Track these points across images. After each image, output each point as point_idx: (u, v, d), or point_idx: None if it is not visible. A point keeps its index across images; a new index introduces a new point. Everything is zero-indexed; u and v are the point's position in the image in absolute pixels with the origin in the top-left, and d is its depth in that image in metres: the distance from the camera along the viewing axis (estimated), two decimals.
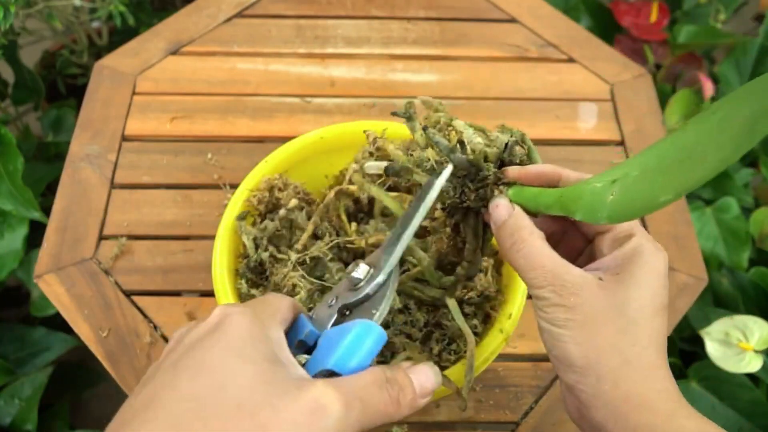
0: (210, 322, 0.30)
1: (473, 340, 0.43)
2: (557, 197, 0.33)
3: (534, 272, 0.32)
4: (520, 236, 0.33)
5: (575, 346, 0.31)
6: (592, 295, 0.31)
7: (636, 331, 0.31)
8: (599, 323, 0.31)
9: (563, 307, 0.31)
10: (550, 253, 0.33)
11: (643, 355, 0.31)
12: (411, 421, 0.55)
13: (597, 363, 0.31)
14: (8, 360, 0.79)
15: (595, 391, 0.31)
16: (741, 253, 0.86)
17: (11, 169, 0.75)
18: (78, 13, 0.98)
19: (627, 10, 1.08)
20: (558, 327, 0.32)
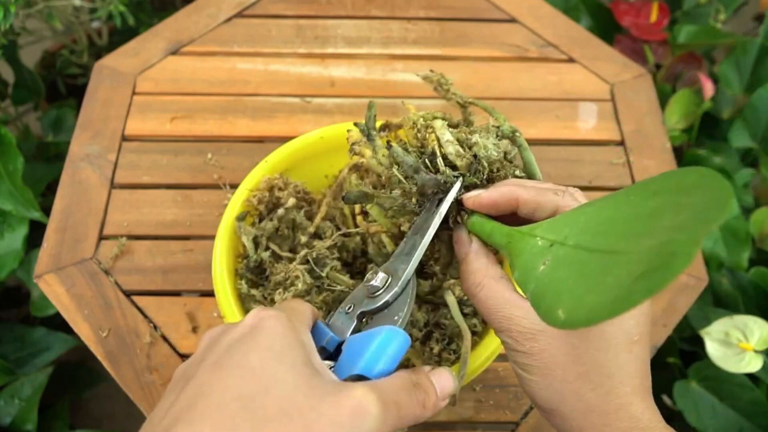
0: (246, 324, 0.30)
1: (470, 336, 0.43)
2: (506, 243, 0.32)
3: (491, 317, 0.32)
4: (473, 280, 0.33)
5: (538, 390, 0.32)
6: (551, 340, 0.31)
7: (596, 376, 0.30)
8: (558, 369, 0.31)
9: (522, 353, 0.31)
10: (507, 295, 0.32)
11: (606, 399, 0.30)
12: None
13: (560, 407, 0.31)
14: (8, 360, 0.79)
15: (564, 429, 0.32)
16: (741, 253, 0.86)
17: (11, 169, 0.75)
18: (78, 13, 0.98)
19: (627, 10, 1.08)
20: (521, 370, 0.32)
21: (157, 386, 0.56)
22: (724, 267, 0.86)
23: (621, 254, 0.24)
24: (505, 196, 0.34)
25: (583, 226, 0.28)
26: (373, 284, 0.35)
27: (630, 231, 0.25)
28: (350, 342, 0.33)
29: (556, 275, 0.27)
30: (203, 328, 0.60)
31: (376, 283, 0.35)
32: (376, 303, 0.34)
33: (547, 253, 0.29)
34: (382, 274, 0.35)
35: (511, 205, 0.34)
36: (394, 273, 0.35)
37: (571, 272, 0.26)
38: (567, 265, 0.27)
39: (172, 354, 0.58)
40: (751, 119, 0.92)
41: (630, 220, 0.26)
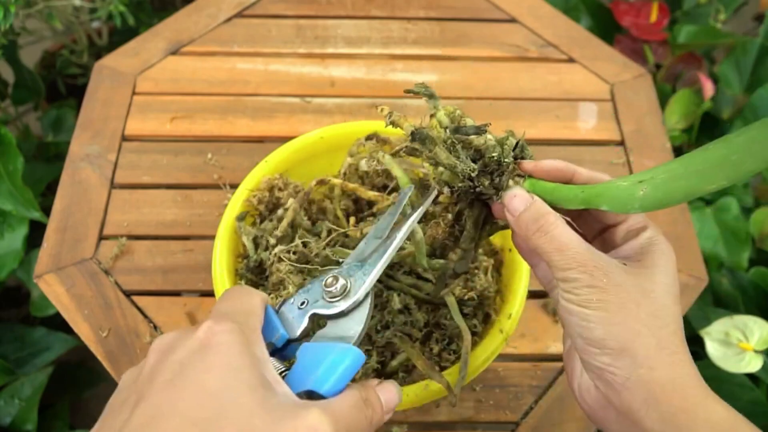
0: (199, 339, 0.29)
1: (469, 336, 0.43)
2: (577, 193, 0.34)
3: (562, 253, 0.32)
4: (546, 220, 0.33)
5: (611, 327, 0.31)
6: (622, 278, 0.32)
7: (664, 315, 0.31)
8: (632, 305, 0.31)
9: (596, 288, 0.31)
10: (577, 236, 0.33)
11: (672, 339, 0.31)
12: (411, 421, 0.55)
13: (632, 345, 0.31)
14: (8, 360, 0.79)
15: (629, 373, 0.31)
16: (741, 253, 0.86)
17: (11, 169, 0.75)
18: (78, 13, 0.98)
19: (627, 10, 1.08)
20: (591, 308, 0.31)
21: None
22: (724, 267, 0.86)
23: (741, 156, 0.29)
24: (563, 165, 0.36)
25: (666, 169, 0.31)
26: (331, 290, 0.34)
27: (735, 151, 0.30)
28: (305, 352, 0.32)
29: (670, 185, 0.31)
30: None
31: (335, 290, 0.34)
32: (331, 309, 0.34)
33: (638, 186, 0.32)
34: (342, 281, 0.35)
35: (567, 176, 0.36)
36: (354, 281, 0.35)
37: (691, 178, 0.30)
38: (678, 179, 0.31)
39: None
40: (751, 119, 0.92)
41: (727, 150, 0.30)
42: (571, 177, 0.36)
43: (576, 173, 0.36)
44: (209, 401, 0.27)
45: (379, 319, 0.48)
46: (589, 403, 0.34)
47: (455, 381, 0.43)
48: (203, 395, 0.27)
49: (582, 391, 0.34)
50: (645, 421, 0.30)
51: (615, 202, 0.33)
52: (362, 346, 0.48)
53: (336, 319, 0.34)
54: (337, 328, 0.34)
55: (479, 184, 0.36)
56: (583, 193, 0.34)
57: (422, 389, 0.44)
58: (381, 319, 0.48)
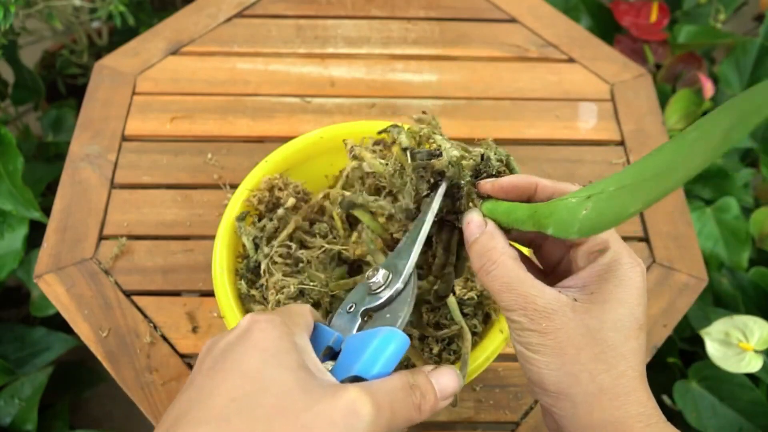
0: (240, 328, 0.31)
1: (469, 336, 0.43)
2: (530, 213, 0.32)
3: (504, 295, 0.32)
4: (489, 258, 0.32)
5: (548, 372, 0.31)
6: (566, 320, 0.31)
7: (611, 357, 0.30)
8: (573, 349, 0.30)
9: (535, 332, 0.31)
10: (523, 275, 0.32)
11: (619, 382, 0.30)
12: None
13: (570, 390, 0.30)
14: (8, 360, 0.79)
15: (570, 415, 0.31)
16: (741, 253, 0.86)
17: (11, 169, 0.75)
18: (78, 13, 0.98)
19: (627, 10, 1.08)
20: (531, 351, 0.31)
21: (157, 386, 0.56)
22: (724, 267, 0.86)
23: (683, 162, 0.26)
24: (524, 180, 0.35)
25: (619, 177, 0.29)
26: (374, 281, 0.35)
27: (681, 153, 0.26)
28: (349, 342, 0.33)
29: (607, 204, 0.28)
30: (203, 328, 0.60)
31: (378, 280, 0.35)
32: (377, 300, 0.35)
33: (584, 203, 0.29)
34: (383, 270, 0.36)
35: (529, 191, 0.35)
36: (394, 269, 0.36)
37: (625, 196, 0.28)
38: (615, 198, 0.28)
39: (172, 354, 0.58)
40: None
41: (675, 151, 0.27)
42: (534, 191, 0.35)
43: (539, 186, 0.34)
44: (246, 380, 0.28)
45: None
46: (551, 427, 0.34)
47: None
48: (240, 374, 0.28)
49: (545, 419, 0.35)
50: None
51: (558, 225, 0.31)
52: None
53: (382, 309, 0.35)
54: (382, 317, 0.34)
55: (439, 210, 0.36)
56: (535, 214, 0.32)
57: None
58: None
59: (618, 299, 0.31)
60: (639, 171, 0.28)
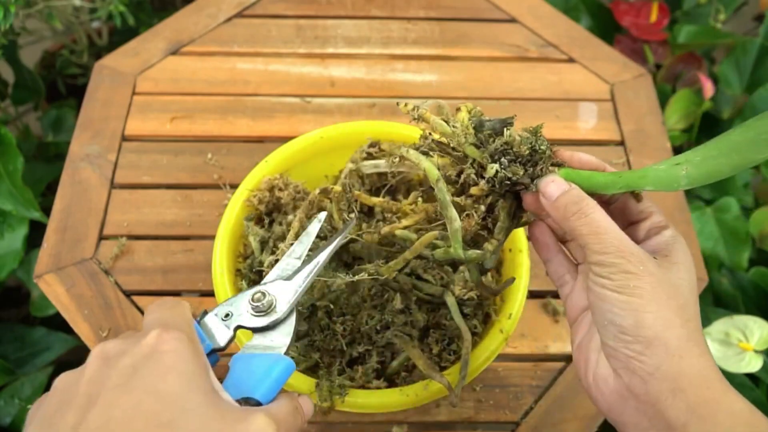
0: (148, 345, 0.30)
1: (470, 337, 0.43)
2: (614, 179, 0.35)
3: (601, 237, 0.32)
4: (586, 203, 0.34)
5: (646, 315, 0.31)
6: (655, 270, 0.32)
7: (690, 311, 0.32)
8: (665, 296, 0.32)
9: (632, 274, 0.31)
10: (614, 223, 0.33)
11: (697, 333, 0.32)
12: (411, 421, 0.55)
13: (665, 335, 0.31)
14: (8, 360, 0.79)
15: (659, 362, 0.31)
16: (741, 253, 0.86)
17: (11, 169, 0.75)
18: (78, 13, 0.98)
19: (627, 10, 1.08)
20: (626, 294, 0.31)
21: None
22: (724, 267, 0.86)
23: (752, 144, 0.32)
24: (597, 161, 0.37)
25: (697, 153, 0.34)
26: (258, 305, 0.36)
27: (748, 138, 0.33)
28: (238, 362, 0.34)
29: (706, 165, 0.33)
30: None
31: (261, 306, 0.36)
32: (257, 323, 0.36)
33: (678, 168, 0.34)
34: (269, 297, 0.36)
35: (598, 170, 0.37)
36: (279, 298, 0.37)
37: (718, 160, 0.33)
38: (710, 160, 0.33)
39: None
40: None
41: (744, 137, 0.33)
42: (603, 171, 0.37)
43: (606, 170, 0.37)
44: (168, 405, 0.28)
45: (379, 319, 0.48)
46: (605, 393, 0.33)
47: (455, 381, 0.43)
48: (162, 399, 0.28)
49: (598, 381, 0.34)
50: (670, 410, 0.30)
51: (659, 182, 0.34)
52: (362, 346, 0.48)
53: (262, 332, 0.36)
54: (265, 340, 0.36)
55: (515, 174, 0.36)
56: (622, 178, 0.35)
57: (422, 389, 0.44)
58: (381, 319, 0.48)
59: (687, 265, 0.34)
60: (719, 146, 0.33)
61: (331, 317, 0.48)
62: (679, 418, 0.30)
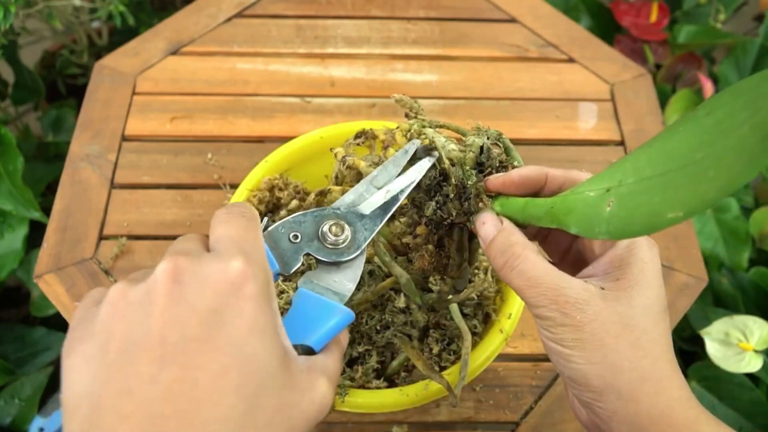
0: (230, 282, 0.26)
1: (470, 337, 0.43)
2: (548, 209, 0.31)
3: (532, 290, 0.31)
4: (512, 253, 0.32)
5: (590, 366, 0.30)
6: (599, 309, 0.30)
7: (647, 343, 0.30)
8: (611, 339, 0.30)
9: (570, 326, 0.30)
10: (548, 267, 0.31)
11: (657, 367, 0.30)
12: (411, 421, 0.55)
13: (615, 381, 0.30)
14: (8, 360, 0.79)
15: (614, 407, 0.30)
16: (741, 253, 0.86)
17: (11, 169, 0.75)
18: (78, 13, 0.98)
19: (627, 10, 1.08)
20: (568, 348, 0.30)
21: None
22: (724, 267, 0.86)
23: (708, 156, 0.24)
24: (534, 172, 0.34)
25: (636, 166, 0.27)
26: (335, 240, 0.33)
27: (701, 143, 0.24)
28: (302, 300, 0.32)
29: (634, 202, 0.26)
30: None
31: (338, 240, 0.33)
32: (328, 256, 0.33)
33: (605, 198, 0.28)
34: (347, 232, 0.34)
35: (539, 182, 0.34)
36: (354, 234, 0.34)
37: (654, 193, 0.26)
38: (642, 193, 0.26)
39: None
40: None
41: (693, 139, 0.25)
42: (544, 182, 0.34)
43: (549, 176, 0.34)
44: (252, 373, 0.25)
45: (379, 319, 0.48)
46: (583, 422, 0.34)
47: (455, 381, 0.43)
48: (247, 365, 0.25)
49: (576, 410, 0.34)
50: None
51: (581, 224, 0.29)
52: (362, 346, 0.48)
53: (329, 266, 0.33)
54: (330, 279, 0.33)
55: (448, 215, 0.36)
56: (553, 210, 0.31)
57: (422, 389, 0.44)
58: (381, 319, 0.48)
59: (644, 283, 0.31)
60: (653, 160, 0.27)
61: None
62: None
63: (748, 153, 0.22)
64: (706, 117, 0.25)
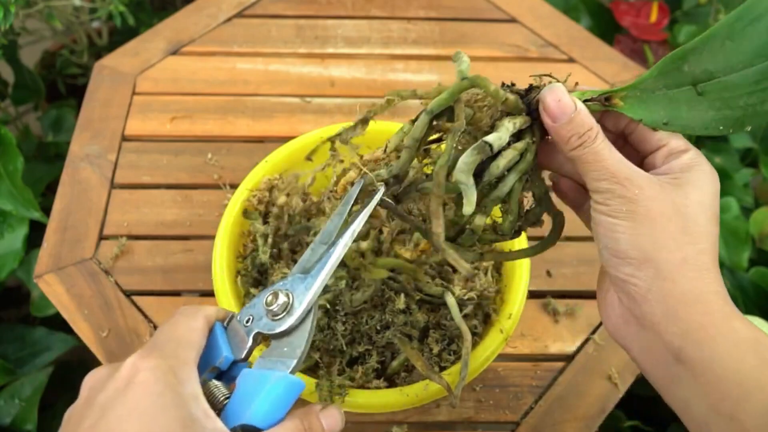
0: (122, 378, 0.29)
1: (470, 337, 0.43)
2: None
3: (599, 165, 0.32)
4: (592, 134, 0.33)
5: (635, 237, 0.31)
6: (655, 192, 0.31)
7: (695, 232, 0.31)
8: (661, 219, 0.31)
9: (626, 198, 0.31)
10: (618, 154, 0.33)
11: (700, 257, 0.31)
12: (411, 421, 0.55)
13: (656, 256, 0.31)
14: (8, 360, 0.79)
15: (650, 285, 0.31)
16: (741, 253, 0.86)
17: (11, 169, 0.75)
18: (78, 13, 0.98)
19: (627, 10, 1.08)
20: (619, 218, 0.31)
21: None
22: (724, 267, 0.86)
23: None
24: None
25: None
26: (272, 309, 0.33)
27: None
28: (243, 380, 0.31)
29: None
30: None
31: (276, 308, 0.33)
32: (273, 328, 0.33)
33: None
34: (283, 297, 0.33)
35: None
36: (296, 296, 0.33)
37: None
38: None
39: None
40: None
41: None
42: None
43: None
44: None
45: (379, 318, 0.48)
46: (612, 319, 0.34)
47: (455, 381, 0.43)
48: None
49: (607, 307, 0.34)
50: (665, 334, 0.30)
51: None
52: (362, 346, 0.48)
53: (280, 338, 0.33)
54: (280, 349, 0.33)
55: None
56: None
57: (422, 389, 0.44)
58: (381, 319, 0.48)
59: (701, 185, 0.32)
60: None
61: (330, 317, 0.48)
62: (674, 342, 0.30)
63: None
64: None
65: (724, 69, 0.32)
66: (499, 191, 0.35)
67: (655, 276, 0.31)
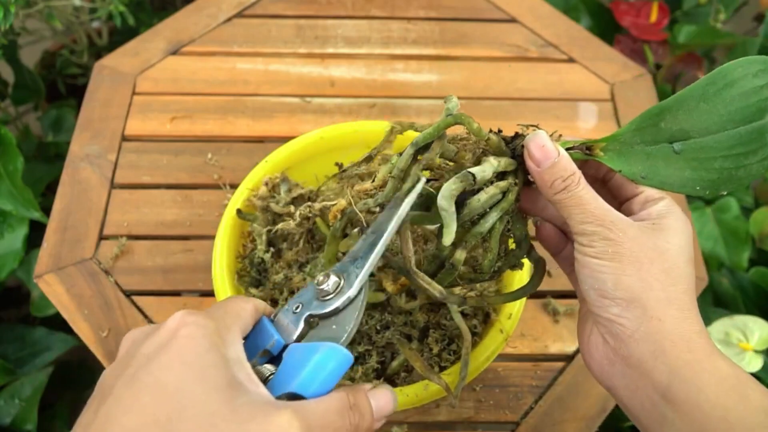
0: (168, 330, 0.29)
1: (469, 338, 0.43)
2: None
3: (582, 208, 0.33)
4: (574, 179, 0.34)
5: (622, 278, 0.32)
6: (637, 236, 0.33)
7: (676, 274, 0.32)
8: (645, 260, 0.32)
9: (611, 240, 0.32)
10: (599, 198, 0.34)
11: (682, 297, 0.32)
12: (411, 421, 0.55)
13: (643, 296, 0.32)
14: (8, 360, 0.79)
15: (638, 324, 0.32)
16: (741, 253, 0.86)
17: (11, 169, 0.75)
18: (78, 13, 0.98)
19: (627, 10, 1.08)
20: (604, 259, 0.33)
21: None
22: (724, 267, 0.86)
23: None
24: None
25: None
26: (323, 288, 0.33)
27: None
28: (291, 352, 0.31)
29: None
30: None
31: (327, 288, 0.33)
32: (325, 307, 0.33)
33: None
34: (334, 277, 0.33)
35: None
36: (347, 277, 0.34)
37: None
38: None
39: None
40: None
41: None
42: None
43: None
44: (169, 401, 0.26)
45: (379, 318, 0.48)
46: (597, 360, 0.34)
47: (455, 381, 0.43)
48: (162, 394, 0.26)
49: (591, 349, 0.35)
50: (653, 372, 0.31)
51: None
52: (362, 346, 0.48)
53: (329, 317, 0.33)
54: (328, 327, 0.33)
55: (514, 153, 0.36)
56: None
57: (422, 389, 0.44)
58: (381, 319, 0.48)
59: (679, 231, 0.34)
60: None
61: None
62: (662, 380, 0.31)
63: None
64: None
65: (699, 130, 0.34)
66: (480, 227, 0.36)
67: (642, 315, 0.32)
